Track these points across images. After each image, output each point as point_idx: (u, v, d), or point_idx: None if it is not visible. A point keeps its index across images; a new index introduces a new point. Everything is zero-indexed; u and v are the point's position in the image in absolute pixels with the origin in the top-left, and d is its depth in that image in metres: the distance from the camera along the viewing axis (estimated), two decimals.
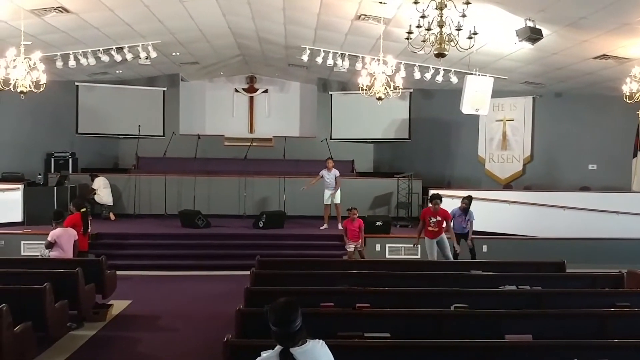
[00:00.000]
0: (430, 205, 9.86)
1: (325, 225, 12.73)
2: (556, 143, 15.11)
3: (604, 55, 10.52)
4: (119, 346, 6.63)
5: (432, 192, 10.80)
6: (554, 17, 8.74)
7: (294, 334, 3.10)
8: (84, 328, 7.11)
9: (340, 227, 12.17)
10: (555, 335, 4.92)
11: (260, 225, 12.54)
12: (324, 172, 12.62)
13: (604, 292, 6.51)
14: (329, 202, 12.69)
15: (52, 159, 15.24)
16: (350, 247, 10.38)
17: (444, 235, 9.75)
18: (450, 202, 11.11)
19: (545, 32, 8.99)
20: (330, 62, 12.68)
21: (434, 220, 9.61)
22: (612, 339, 4.73)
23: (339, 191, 12.60)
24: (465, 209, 10.37)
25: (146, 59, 12.71)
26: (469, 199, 10.44)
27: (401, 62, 12.07)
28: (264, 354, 3.13)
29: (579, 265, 9.44)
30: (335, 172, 12.62)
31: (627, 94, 9.90)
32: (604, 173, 14.66)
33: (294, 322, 3.09)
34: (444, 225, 9.69)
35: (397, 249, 11.44)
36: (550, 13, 8.54)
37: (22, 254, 10.72)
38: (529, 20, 8.77)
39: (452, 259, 9.61)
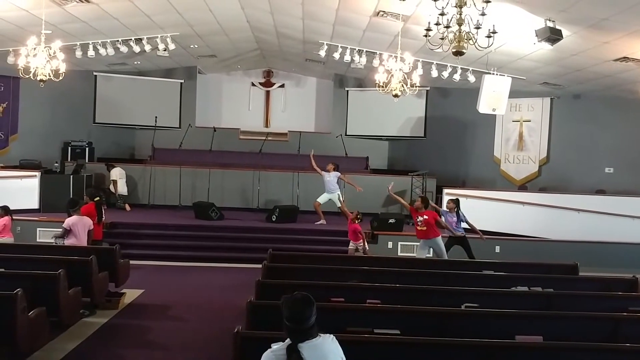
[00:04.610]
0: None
1: (322, 221, 12.49)
2: (573, 145, 14.92)
3: (624, 57, 10.38)
4: (130, 334, 6.71)
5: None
6: (575, 17, 8.65)
7: (306, 330, 3.06)
8: (97, 315, 7.20)
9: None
10: (566, 338, 4.88)
11: (273, 219, 12.58)
12: (324, 173, 12.44)
13: (616, 296, 6.45)
14: (322, 202, 12.48)
15: (69, 148, 15.39)
16: (352, 245, 10.08)
17: (439, 240, 9.48)
18: (464, 202, 11.04)
19: (565, 32, 8.90)
20: (347, 58, 12.66)
21: (421, 219, 9.37)
22: (624, 344, 4.69)
23: (337, 195, 12.21)
24: (452, 210, 10.00)
25: (164, 50, 12.80)
26: (455, 202, 10.13)
27: (419, 60, 12.03)
28: (274, 346, 3.12)
29: (592, 268, 9.37)
30: (336, 173, 12.44)
31: None
32: (620, 176, 14.46)
33: (308, 319, 3.06)
34: (436, 227, 9.45)
35: (409, 247, 11.40)
36: (571, 14, 8.45)
37: (38, 240, 10.86)
38: (549, 20, 8.69)
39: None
